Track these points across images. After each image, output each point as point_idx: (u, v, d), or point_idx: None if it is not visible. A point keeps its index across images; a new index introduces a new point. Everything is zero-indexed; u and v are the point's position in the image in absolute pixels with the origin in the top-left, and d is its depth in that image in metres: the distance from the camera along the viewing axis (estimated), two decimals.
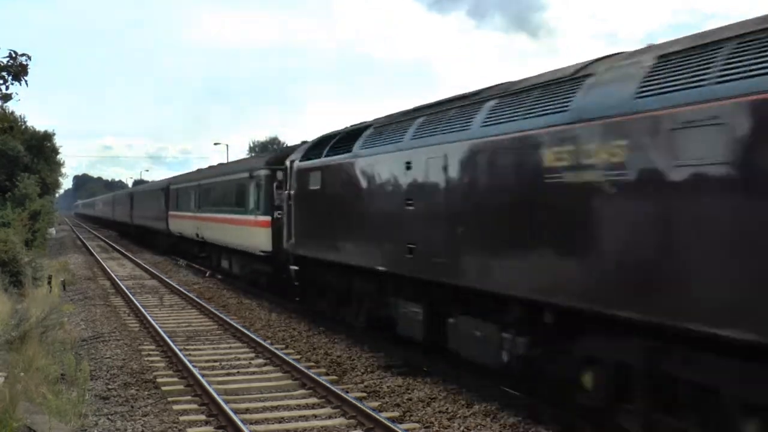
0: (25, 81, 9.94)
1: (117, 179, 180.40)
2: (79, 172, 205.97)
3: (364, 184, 13.50)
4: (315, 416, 10.11)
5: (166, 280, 27.14)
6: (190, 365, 12.48)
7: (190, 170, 44.35)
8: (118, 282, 26.23)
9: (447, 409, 10.28)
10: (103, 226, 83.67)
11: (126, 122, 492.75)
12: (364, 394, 11.14)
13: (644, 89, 7.37)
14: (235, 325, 16.88)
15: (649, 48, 8.16)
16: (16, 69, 9.77)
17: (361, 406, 9.96)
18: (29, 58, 9.91)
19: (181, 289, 24.09)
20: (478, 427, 9.48)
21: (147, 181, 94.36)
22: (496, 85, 11.01)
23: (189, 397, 11.12)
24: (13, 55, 9.82)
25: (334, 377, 12.24)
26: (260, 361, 13.55)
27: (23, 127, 42.12)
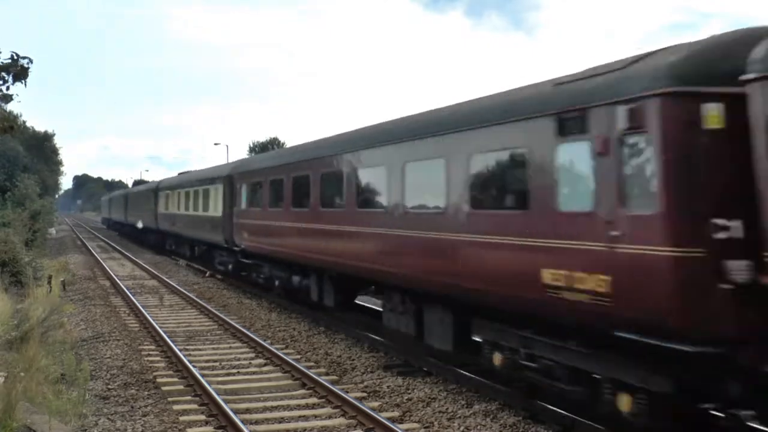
0: (24, 82, 9.93)
1: (117, 179, 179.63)
2: (79, 172, 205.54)
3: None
4: (315, 416, 10.12)
5: (166, 280, 27.16)
6: (190, 365, 12.49)
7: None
8: (118, 282, 26.24)
9: (447, 409, 10.30)
10: None
11: (126, 122, 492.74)
12: (364, 394, 11.16)
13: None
14: (235, 325, 16.90)
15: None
16: (17, 71, 9.76)
17: (361, 406, 9.97)
18: (31, 61, 9.89)
19: (181, 289, 24.12)
20: (478, 427, 9.50)
21: (147, 181, 70.16)
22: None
23: (189, 397, 11.14)
24: (15, 58, 9.80)
25: (334, 377, 12.25)
26: (260, 361, 13.57)
27: (22, 126, 42.14)
